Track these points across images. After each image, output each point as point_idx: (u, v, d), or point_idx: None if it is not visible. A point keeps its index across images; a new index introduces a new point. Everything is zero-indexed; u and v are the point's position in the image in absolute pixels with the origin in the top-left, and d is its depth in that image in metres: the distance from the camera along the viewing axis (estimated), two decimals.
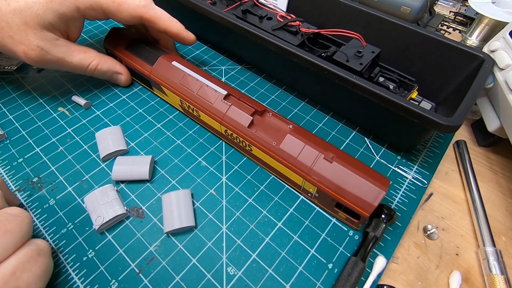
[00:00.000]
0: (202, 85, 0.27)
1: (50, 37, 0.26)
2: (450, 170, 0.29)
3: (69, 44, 0.28)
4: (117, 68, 0.31)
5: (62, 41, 0.27)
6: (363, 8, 0.32)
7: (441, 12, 0.45)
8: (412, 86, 0.30)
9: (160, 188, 0.26)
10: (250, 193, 0.26)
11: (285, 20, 0.33)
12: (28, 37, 0.25)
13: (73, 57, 0.28)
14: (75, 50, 0.28)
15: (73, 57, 0.28)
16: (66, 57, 0.28)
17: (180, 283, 0.21)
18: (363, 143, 0.30)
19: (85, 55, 0.29)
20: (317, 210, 0.25)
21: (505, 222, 0.25)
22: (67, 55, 0.28)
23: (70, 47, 0.28)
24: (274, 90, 0.35)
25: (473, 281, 0.22)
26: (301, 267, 0.22)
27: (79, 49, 0.29)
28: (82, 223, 0.23)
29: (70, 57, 0.28)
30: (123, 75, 0.32)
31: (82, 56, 0.29)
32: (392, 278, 0.22)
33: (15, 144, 0.28)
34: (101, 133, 0.28)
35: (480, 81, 0.25)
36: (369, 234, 0.22)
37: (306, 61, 0.27)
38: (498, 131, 0.28)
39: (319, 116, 0.32)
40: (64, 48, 0.28)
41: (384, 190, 0.21)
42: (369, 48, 0.30)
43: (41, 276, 0.18)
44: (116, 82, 0.33)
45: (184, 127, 0.30)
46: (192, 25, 0.40)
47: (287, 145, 0.23)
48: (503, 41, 0.28)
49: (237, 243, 0.23)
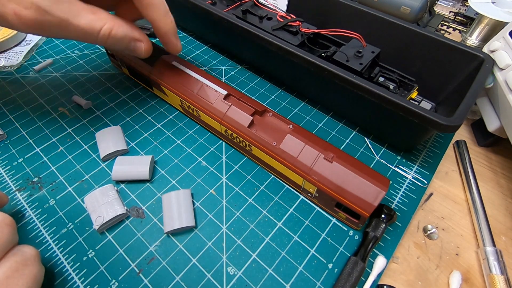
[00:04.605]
0: (202, 85, 0.27)
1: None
2: (450, 170, 0.29)
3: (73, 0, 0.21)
4: (135, 34, 0.24)
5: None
6: (363, 8, 0.32)
7: (441, 12, 0.45)
8: (412, 86, 0.30)
9: (160, 188, 0.26)
10: (250, 193, 0.26)
11: (285, 20, 0.33)
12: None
13: (80, 18, 0.21)
14: (82, 9, 0.21)
15: (80, 18, 0.21)
16: (70, 18, 0.20)
17: (180, 283, 0.21)
18: (363, 143, 0.30)
19: (95, 16, 0.21)
20: (317, 210, 0.25)
21: (505, 222, 0.25)
22: (72, 16, 0.20)
23: (75, 4, 0.21)
24: (274, 90, 0.35)
25: (473, 281, 0.22)
26: (301, 267, 0.22)
27: (87, 9, 0.21)
28: (82, 223, 0.23)
29: (77, 17, 0.21)
30: (143, 43, 0.25)
31: (91, 18, 0.21)
32: (392, 278, 0.22)
33: (15, 144, 0.28)
34: (101, 133, 0.28)
35: (480, 81, 0.25)
36: (369, 234, 0.22)
37: (306, 61, 0.27)
38: (498, 131, 0.28)
39: (319, 116, 0.32)
40: (68, 6, 0.20)
41: (384, 190, 0.21)
42: (369, 48, 0.30)
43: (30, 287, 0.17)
44: (135, 53, 0.25)
45: (184, 127, 0.30)
46: (192, 25, 0.40)
47: (287, 145, 0.23)
48: (503, 41, 0.28)
49: (237, 243, 0.23)
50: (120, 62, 0.33)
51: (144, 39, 0.25)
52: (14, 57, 0.36)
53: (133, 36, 0.24)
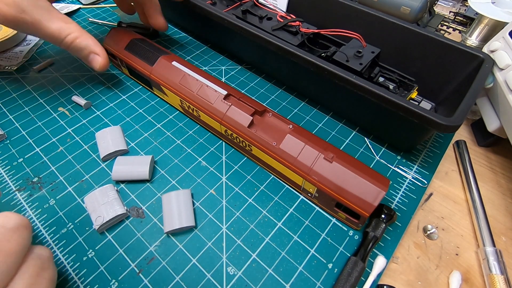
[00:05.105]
0: (202, 85, 0.27)
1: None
2: (450, 170, 0.29)
3: (50, 8, 0.25)
4: (96, 49, 0.28)
5: (43, 2, 0.24)
6: (363, 8, 0.32)
7: (441, 12, 0.45)
8: (412, 86, 0.30)
9: (160, 188, 0.26)
10: (250, 193, 0.26)
11: (285, 20, 0.33)
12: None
13: (52, 24, 0.25)
14: (55, 17, 0.25)
15: (51, 23, 0.25)
16: (44, 21, 0.24)
17: (180, 283, 0.21)
18: (363, 143, 0.30)
19: (65, 25, 0.26)
20: (317, 210, 0.25)
21: (505, 222, 0.25)
22: (46, 20, 0.25)
23: (51, 12, 0.25)
24: (274, 90, 0.35)
25: (473, 281, 0.22)
26: (301, 267, 0.22)
27: (61, 17, 0.26)
28: (82, 223, 0.23)
29: (49, 22, 0.25)
30: (100, 58, 0.28)
31: (61, 25, 0.25)
32: (392, 278, 0.22)
33: (15, 144, 0.28)
34: (101, 133, 0.28)
35: (480, 81, 0.25)
36: (369, 234, 0.22)
37: (306, 61, 0.27)
38: (498, 131, 0.28)
39: (319, 116, 0.32)
40: (45, 11, 0.24)
41: (384, 190, 0.21)
42: (369, 48, 0.30)
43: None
44: (91, 64, 0.29)
45: (184, 127, 0.30)
46: (192, 25, 0.40)
47: (287, 145, 0.23)
48: (503, 41, 0.28)
49: (237, 243, 0.23)
50: (120, 62, 0.33)
51: (102, 55, 0.29)
52: (14, 57, 0.36)
53: (93, 50, 0.28)
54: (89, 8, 0.45)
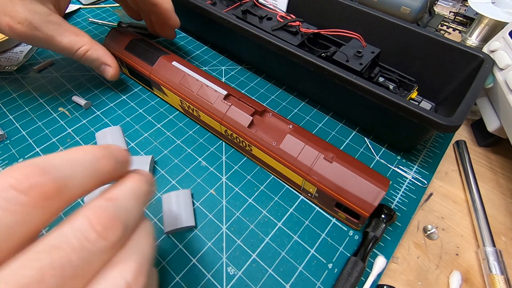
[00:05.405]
0: (202, 85, 0.27)
1: (43, 12, 0.24)
2: (450, 170, 0.29)
3: (61, 22, 0.25)
4: (107, 59, 0.29)
5: (55, 17, 0.25)
6: (363, 8, 0.32)
7: (441, 12, 0.45)
8: (412, 86, 0.30)
9: (160, 188, 0.26)
10: (250, 193, 0.26)
11: (285, 20, 0.33)
12: (15, 7, 0.22)
13: (63, 38, 0.26)
14: (67, 30, 0.26)
15: (63, 37, 0.26)
16: (56, 36, 0.25)
17: (180, 283, 0.21)
18: (363, 143, 0.30)
19: (76, 38, 0.26)
20: (317, 210, 0.25)
21: (505, 222, 0.25)
22: (58, 34, 0.25)
23: (62, 26, 0.25)
24: (274, 90, 0.35)
25: (473, 281, 0.22)
26: (301, 267, 0.22)
27: (72, 30, 0.26)
28: None
29: (61, 37, 0.25)
30: (111, 68, 0.29)
31: (73, 39, 0.26)
32: (392, 278, 0.22)
33: (15, 144, 0.28)
34: (101, 133, 0.28)
35: (480, 81, 0.25)
36: (369, 234, 0.22)
37: (306, 61, 0.27)
38: (498, 131, 0.28)
39: (319, 116, 0.32)
40: (56, 26, 0.25)
41: (384, 190, 0.21)
42: (369, 48, 0.30)
43: None
44: (102, 74, 0.30)
45: (184, 127, 0.30)
46: (192, 25, 0.40)
47: (287, 145, 0.23)
48: (503, 41, 0.28)
49: (237, 243, 0.23)
50: (120, 62, 0.33)
51: (113, 65, 0.30)
52: (14, 57, 0.36)
53: (104, 60, 0.29)
54: (89, 8, 0.45)
